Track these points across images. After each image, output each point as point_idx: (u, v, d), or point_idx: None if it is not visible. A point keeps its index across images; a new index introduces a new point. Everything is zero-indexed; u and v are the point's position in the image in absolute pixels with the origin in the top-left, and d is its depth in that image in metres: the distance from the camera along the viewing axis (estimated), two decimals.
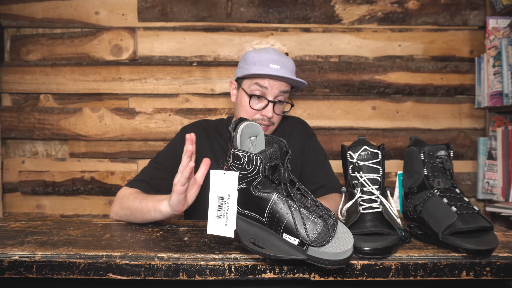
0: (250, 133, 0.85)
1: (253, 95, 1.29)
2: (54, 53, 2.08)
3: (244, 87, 1.32)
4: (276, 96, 1.30)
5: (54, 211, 2.11)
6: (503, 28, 1.95)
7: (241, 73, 1.31)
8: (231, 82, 1.40)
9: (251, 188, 0.79)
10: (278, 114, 1.33)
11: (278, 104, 1.32)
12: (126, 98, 2.09)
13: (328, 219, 0.76)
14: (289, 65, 1.31)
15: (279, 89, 1.29)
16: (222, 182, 0.80)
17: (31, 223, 1.14)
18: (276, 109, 1.32)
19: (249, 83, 1.31)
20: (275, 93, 1.29)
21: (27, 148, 2.11)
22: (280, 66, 1.28)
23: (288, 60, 1.32)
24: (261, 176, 0.78)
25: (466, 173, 2.10)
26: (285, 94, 1.32)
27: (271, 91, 1.29)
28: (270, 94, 1.29)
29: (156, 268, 0.81)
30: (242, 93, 1.33)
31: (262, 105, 1.30)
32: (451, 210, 0.87)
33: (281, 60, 1.30)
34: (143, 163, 2.07)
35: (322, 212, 0.77)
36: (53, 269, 0.81)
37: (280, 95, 1.31)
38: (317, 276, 0.81)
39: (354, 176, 0.95)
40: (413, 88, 2.08)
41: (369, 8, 2.07)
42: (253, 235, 0.78)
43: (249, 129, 0.84)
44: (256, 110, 1.30)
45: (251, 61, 1.30)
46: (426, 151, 0.96)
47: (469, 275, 0.81)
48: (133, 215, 1.08)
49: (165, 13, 2.06)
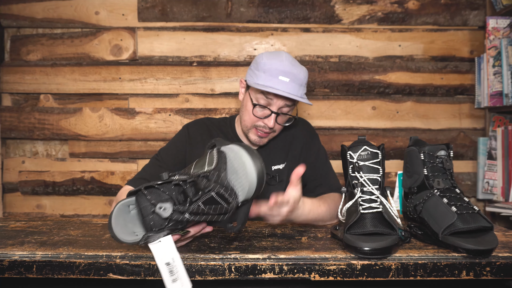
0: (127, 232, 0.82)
1: (257, 104, 1.28)
2: (54, 53, 2.08)
3: (250, 93, 1.30)
4: (280, 108, 1.27)
5: (54, 211, 2.11)
6: (503, 28, 1.95)
7: (250, 80, 1.29)
8: (241, 80, 1.38)
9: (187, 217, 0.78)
10: (280, 125, 1.31)
11: (282, 115, 1.29)
12: (126, 98, 2.09)
13: (203, 176, 0.79)
14: (300, 77, 1.26)
15: (284, 102, 1.27)
16: (163, 250, 0.79)
17: (31, 223, 1.14)
18: (279, 119, 1.29)
19: (255, 90, 1.28)
20: (280, 105, 1.27)
21: (27, 148, 2.11)
22: (290, 79, 1.24)
23: (300, 71, 1.27)
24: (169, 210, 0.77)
25: (466, 173, 2.10)
26: (290, 107, 1.30)
27: (276, 102, 1.26)
28: (275, 106, 1.26)
29: (156, 268, 0.81)
30: (248, 98, 1.31)
31: (265, 114, 1.28)
32: (451, 210, 0.87)
33: (292, 72, 1.24)
34: (143, 163, 2.07)
35: (202, 182, 0.78)
36: (53, 269, 0.81)
37: (284, 107, 1.28)
38: (317, 276, 0.81)
39: (354, 176, 0.96)
40: (413, 88, 2.08)
41: (369, 8, 2.07)
42: None
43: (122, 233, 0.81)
44: (259, 118, 1.29)
45: (262, 67, 1.26)
46: (426, 151, 0.96)
47: (469, 275, 0.81)
48: None
49: (165, 13, 2.06)
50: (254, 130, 1.31)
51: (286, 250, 0.87)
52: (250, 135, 1.32)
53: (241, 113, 1.36)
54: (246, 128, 1.33)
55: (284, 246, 0.91)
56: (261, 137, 1.31)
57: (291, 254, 0.84)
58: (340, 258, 0.83)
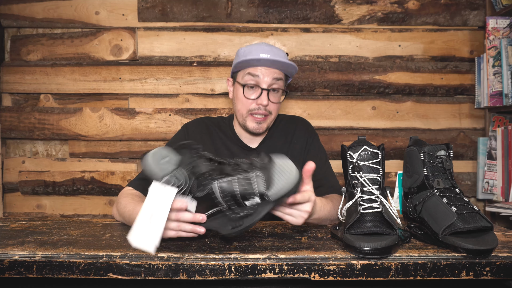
0: (160, 157, 0.85)
1: (246, 85, 1.31)
2: (54, 53, 2.08)
3: (238, 80, 1.35)
4: (270, 85, 1.31)
5: (54, 211, 2.11)
6: (503, 28, 1.95)
7: (234, 69, 1.36)
8: (228, 79, 1.43)
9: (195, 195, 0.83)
10: (274, 102, 1.34)
11: (273, 92, 1.33)
12: (126, 98, 2.09)
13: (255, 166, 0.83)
14: (279, 53, 1.32)
15: (271, 76, 1.31)
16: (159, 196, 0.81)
17: (31, 223, 1.14)
18: (272, 97, 1.33)
19: (242, 74, 1.33)
20: (269, 81, 1.31)
21: (27, 148, 2.11)
22: (271, 54, 1.29)
23: (279, 51, 1.34)
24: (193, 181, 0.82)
25: (466, 173, 2.10)
26: (278, 81, 1.33)
27: (263, 79, 1.30)
28: (264, 83, 1.30)
29: (156, 268, 0.81)
30: (237, 86, 1.35)
31: (257, 94, 1.31)
32: (451, 210, 0.87)
33: (272, 50, 1.31)
34: None
35: (245, 165, 0.83)
36: (53, 269, 0.81)
37: (274, 83, 1.32)
38: (317, 276, 0.81)
39: (354, 176, 0.96)
40: (413, 88, 2.08)
41: (369, 8, 2.07)
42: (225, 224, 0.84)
43: (156, 155, 0.85)
44: (252, 100, 1.32)
45: (242, 54, 1.33)
46: (426, 151, 0.96)
47: (469, 275, 0.81)
48: (127, 223, 1.10)
49: (165, 13, 2.06)
50: (251, 117, 1.33)
51: (286, 250, 0.87)
52: (248, 123, 1.34)
53: (234, 106, 1.39)
54: (242, 118, 1.35)
55: (284, 246, 0.91)
56: (260, 123, 1.34)
57: (291, 254, 0.84)
58: (340, 258, 0.83)
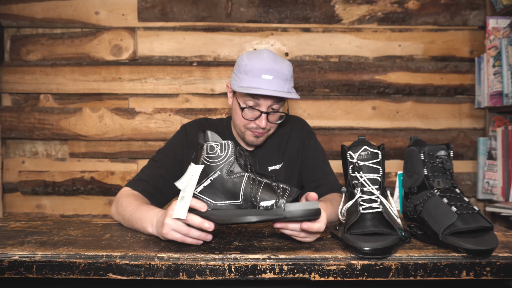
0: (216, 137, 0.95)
1: (245, 107, 1.26)
2: (54, 53, 2.08)
3: (237, 97, 1.28)
4: (269, 106, 1.25)
5: (54, 211, 2.11)
6: (503, 28, 1.95)
7: (235, 83, 1.27)
8: (227, 85, 1.36)
9: (224, 174, 0.87)
10: (273, 123, 1.30)
11: (273, 111, 1.27)
12: (126, 98, 2.09)
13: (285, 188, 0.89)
14: (283, 72, 1.23)
15: (272, 100, 1.24)
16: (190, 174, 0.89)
17: (31, 223, 1.14)
18: (271, 118, 1.27)
19: (242, 93, 1.26)
20: (268, 104, 1.24)
21: (27, 148, 2.11)
22: (273, 76, 1.21)
23: (283, 66, 1.24)
24: (233, 160, 0.88)
25: (466, 173, 2.10)
26: (280, 102, 1.27)
27: (263, 102, 1.24)
28: (263, 105, 1.24)
29: (156, 268, 0.81)
30: (236, 103, 1.29)
31: (255, 115, 1.26)
32: (451, 210, 0.87)
33: (275, 68, 1.22)
34: (143, 163, 2.07)
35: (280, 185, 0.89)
36: (53, 269, 0.81)
37: (274, 105, 1.26)
38: (317, 276, 0.81)
39: (354, 176, 0.95)
40: (413, 88, 2.08)
41: (369, 8, 2.07)
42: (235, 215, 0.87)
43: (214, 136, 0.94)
44: (250, 120, 1.27)
45: (243, 69, 1.24)
46: (426, 151, 0.96)
47: (469, 275, 0.81)
48: (125, 224, 1.10)
49: (165, 13, 2.06)
50: (249, 132, 1.30)
51: (286, 250, 0.87)
52: (247, 137, 1.31)
53: (233, 117, 1.35)
54: (241, 131, 1.32)
55: (284, 246, 0.91)
56: (257, 137, 1.31)
57: (291, 254, 0.84)
58: (340, 258, 0.83)
